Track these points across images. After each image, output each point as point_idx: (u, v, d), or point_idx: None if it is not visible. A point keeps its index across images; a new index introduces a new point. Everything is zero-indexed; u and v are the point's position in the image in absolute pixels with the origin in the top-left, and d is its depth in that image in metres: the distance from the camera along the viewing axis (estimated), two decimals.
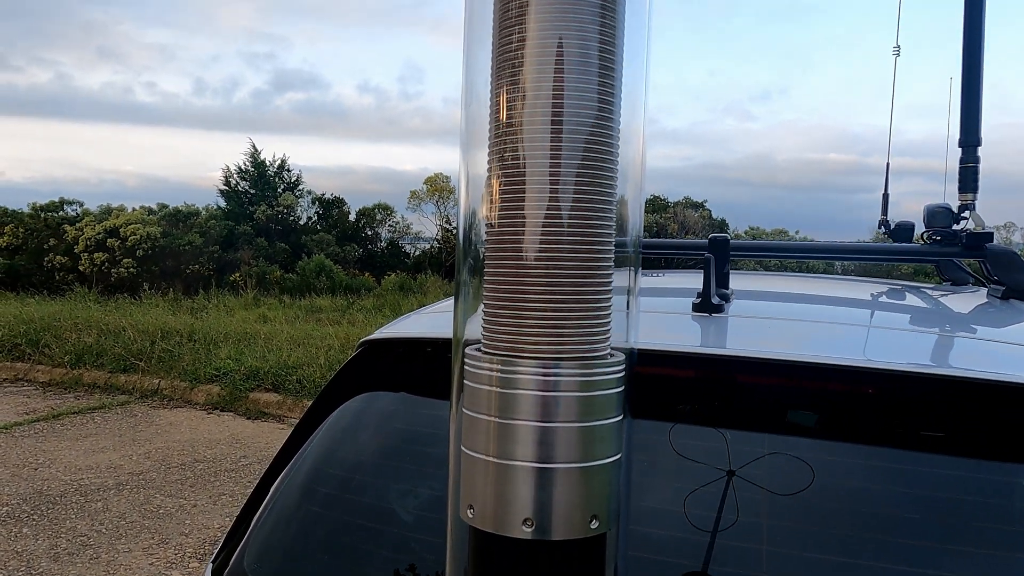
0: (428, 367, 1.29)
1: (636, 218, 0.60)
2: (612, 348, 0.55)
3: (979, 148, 1.89)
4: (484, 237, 0.54)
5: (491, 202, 0.52)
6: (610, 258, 0.52)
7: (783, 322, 1.33)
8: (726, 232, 19.63)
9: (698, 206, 20.98)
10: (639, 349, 1.10)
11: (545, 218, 0.49)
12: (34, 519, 4.32)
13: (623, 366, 0.53)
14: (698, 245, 2.45)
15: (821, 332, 1.26)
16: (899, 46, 2.56)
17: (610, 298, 0.53)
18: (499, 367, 0.50)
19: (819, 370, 1.02)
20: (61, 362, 8.19)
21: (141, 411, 6.87)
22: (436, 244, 20.48)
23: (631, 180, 0.58)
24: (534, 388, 0.48)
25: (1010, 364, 1.03)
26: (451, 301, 0.62)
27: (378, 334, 1.39)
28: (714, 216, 20.95)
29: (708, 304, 1.31)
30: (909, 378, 0.98)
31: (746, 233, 20.93)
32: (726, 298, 1.41)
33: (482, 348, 0.53)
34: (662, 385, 1.08)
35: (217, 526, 4.30)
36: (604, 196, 0.51)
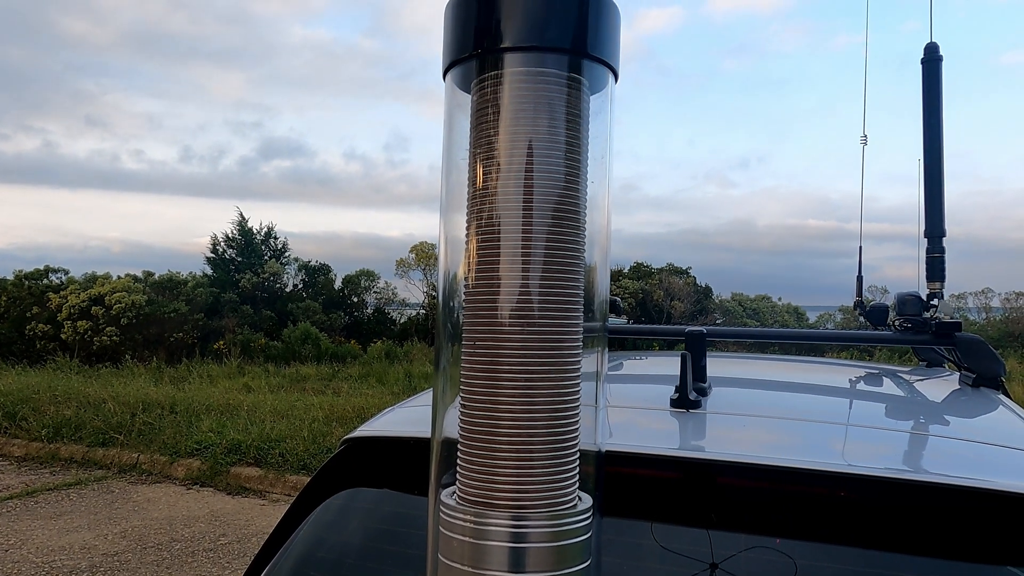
0: (410, 465, 1.30)
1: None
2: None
3: (944, 239, 1.97)
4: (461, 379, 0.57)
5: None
6: (577, 398, 0.56)
7: (761, 419, 1.36)
8: (711, 296, 19.64)
9: (683, 272, 21.20)
10: (617, 451, 1.12)
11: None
12: None
13: (590, 514, 0.55)
14: (674, 332, 2.49)
15: (799, 431, 1.29)
16: (866, 136, 2.68)
17: (576, 442, 0.55)
18: (472, 518, 0.52)
19: (798, 475, 1.05)
20: (38, 436, 8.02)
21: (119, 487, 6.71)
22: (423, 311, 20.48)
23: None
24: (505, 540, 0.51)
25: (983, 468, 1.06)
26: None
27: (360, 432, 1.41)
28: (699, 282, 21.16)
29: (685, 400, 1.34)
30: (886, 484, 1.01)
31: (731, 299, 21.13)
32: (703, 392, 1.44)
33: (456, 496, 0.55)
34: (640, 486, 1.10)
35: None
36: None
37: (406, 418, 1.51)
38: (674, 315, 19.66)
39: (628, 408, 1.42)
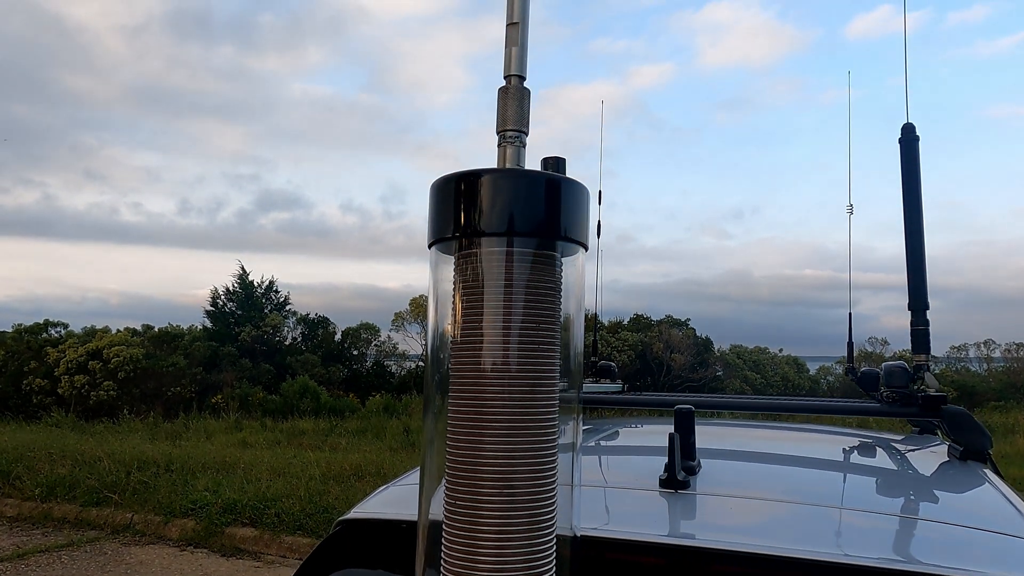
0: (402, 547, 1.32)
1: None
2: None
3: (927, 312, 2.01)
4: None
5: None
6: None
7: (750, 501, 1.37)
8: (711, 348, 19.54)
9: (682, 324, 21.21)
10: (603, 537, 1.14)
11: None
12: None
13: None
14: (664, 404, 2.51)
15: (787, 514, 1.30)
16: (852, 204, 2.75)
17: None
18: None
19: (785, 563, 1.06)
20: (31, 495, 7.93)
21: (111, 548, 6.61)
22: (421, 363, 20.43)
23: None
24: None
25: (966, 556, 1.08)
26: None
27: (354, 513, 1.43)
28: (698, 334, 21.16)
29: (674, 481, 1.35)
30: (873, 573, 1.02)
31: (730, 351, 21.09)
32: (692, 471, 1.46)
33: None
34: (626, 574, 1.11)
35: None
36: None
37: (399, 498, 1.52)
38: (674, 367, 19.60)
39: (617, 488, 1.44)
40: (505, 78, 0.61)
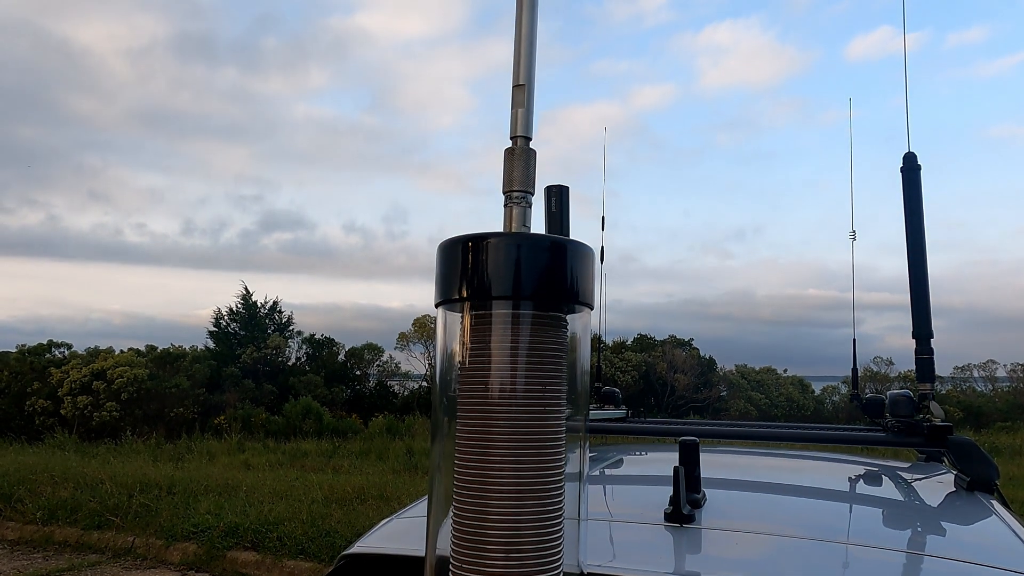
0: None
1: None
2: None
3: (932, 340, 2.01)
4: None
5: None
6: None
7: (754, 536, 1.37)
8: (714, 368, 19.45)
9: (685, 344, 21.16)
10: (611, 575, 1.13)
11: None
12: None
13: None
14: (666, 432, 2.50)
15: (792, 550, 1.29)
16: (855, 231, 2.76)
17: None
18: None
19: None
20: (33, 519, 7.89)
21: (112, 572, 6.57)
22: (424, 384, 20.38)
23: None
24: None
25: None
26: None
27: (357, 548, 1.42)
28: (702, 354, 21.08)
29: (679, 515, 1.35)
30: None
31: (735, 371, 20.99)
32: (697, 503, 1.45)
33: None
34: None
35: None
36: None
37: (403, 530, 1.52)
38: (678, 388, 19.52)
39: (621, 522, 1.43)
40: (511, 139, 0.62)
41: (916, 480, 1.95)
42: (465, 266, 0.58)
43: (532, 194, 0.61)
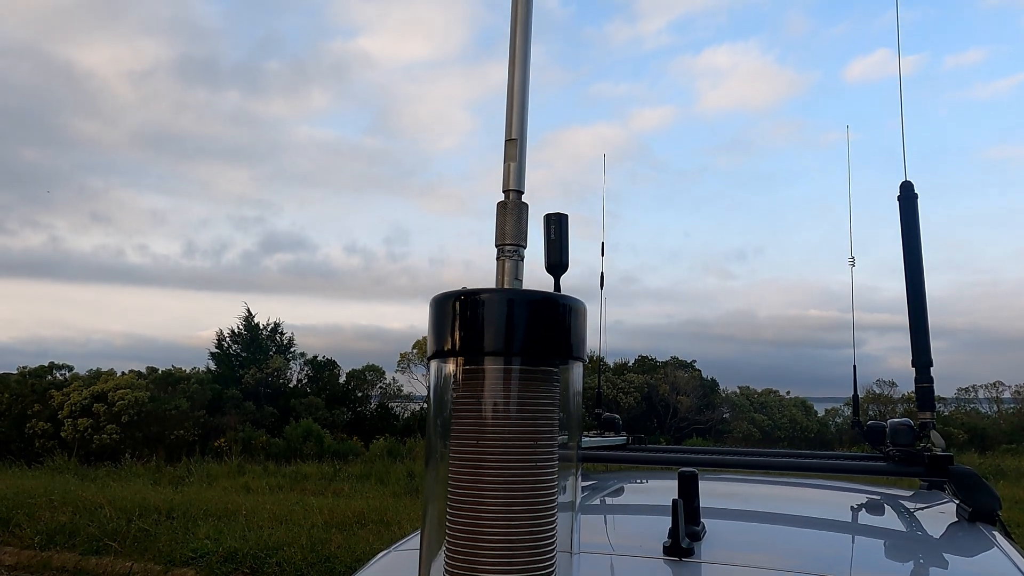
0: None
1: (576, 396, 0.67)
2: None
3: (931, 368, 2.01)
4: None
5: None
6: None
7: (754, 571, 1.36)
8: (717, 390, 19.32)
9: (688, 365, 21.09)
10: None
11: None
12: None
13: None
14: (667, 461, 2.48)
15: None
16: (854, 257, 2.76)
17: None
18: None
19: None
20: (31, 543, 7.83)
21: None
22: (425, 405, 20.29)
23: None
24: None
25: None
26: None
27: None
28: (704, 375, 21.01)
29: (678, 548, 1.34)
30: None
31: (738, 393, 20.91)
32: (697, 536, 1.44)
33: None
34: None
35: None
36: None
37: (400, 565, 1.50)
38: (680, 410, 19.43)
39: (619, 555, 1.42)
40: (504, 192, 0.62)
41: (918, 510, 1.93)
42: (455, 321, 0.59)
43: (524, 247, 0.62)
